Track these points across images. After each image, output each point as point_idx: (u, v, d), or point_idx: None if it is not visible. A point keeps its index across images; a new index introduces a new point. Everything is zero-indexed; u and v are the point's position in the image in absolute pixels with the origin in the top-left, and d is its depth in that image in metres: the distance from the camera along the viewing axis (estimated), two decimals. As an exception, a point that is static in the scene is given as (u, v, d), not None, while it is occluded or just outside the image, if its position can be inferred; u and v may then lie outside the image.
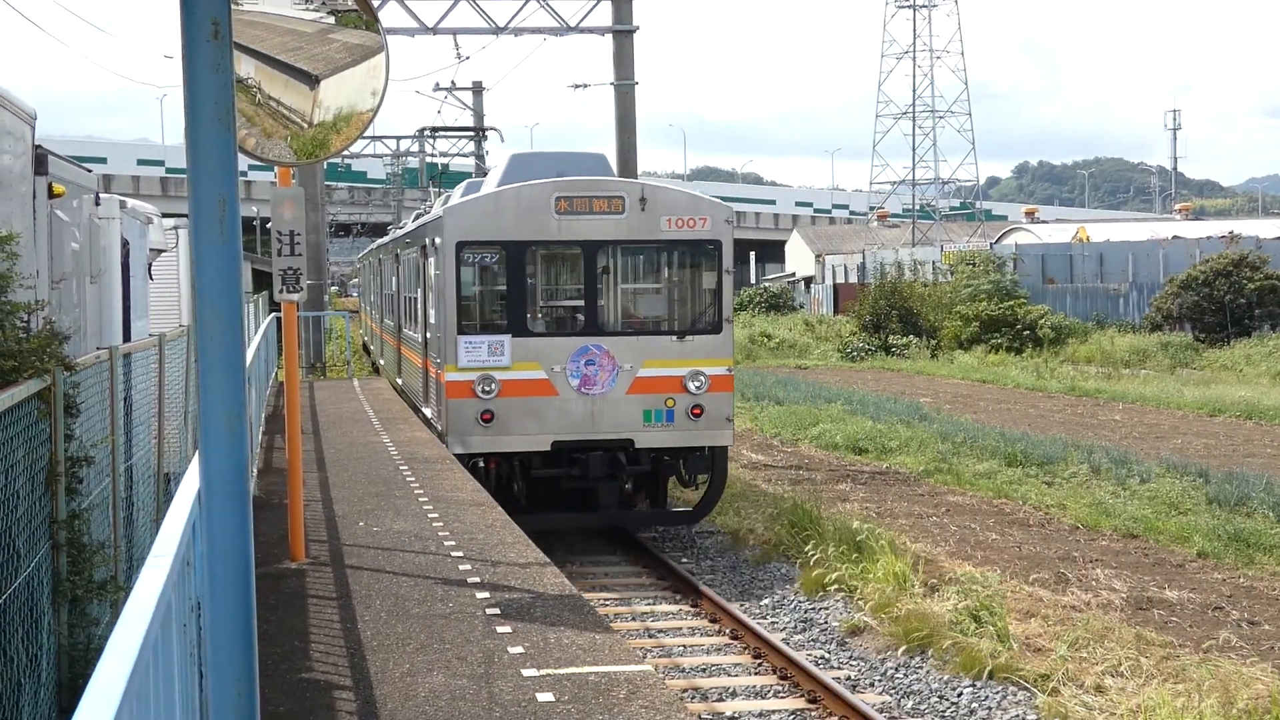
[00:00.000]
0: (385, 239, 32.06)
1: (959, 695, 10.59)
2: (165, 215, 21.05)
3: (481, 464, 16.30)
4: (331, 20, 11.19)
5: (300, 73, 10.94)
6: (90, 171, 12.71)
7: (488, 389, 16.04)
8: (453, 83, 48.10)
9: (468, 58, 40.68)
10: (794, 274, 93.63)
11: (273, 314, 24.37)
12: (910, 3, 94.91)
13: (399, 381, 24.48)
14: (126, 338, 14.03)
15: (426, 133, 51.59)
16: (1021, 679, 10.52)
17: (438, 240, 16.79)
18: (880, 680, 11.30)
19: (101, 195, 13.27)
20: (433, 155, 59.71)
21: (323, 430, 19.45)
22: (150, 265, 17.19)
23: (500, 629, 8.47)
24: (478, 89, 49.58)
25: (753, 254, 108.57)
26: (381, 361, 30.72)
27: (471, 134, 48.78)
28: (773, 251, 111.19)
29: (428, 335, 18.39)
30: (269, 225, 11.91)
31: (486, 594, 9.40)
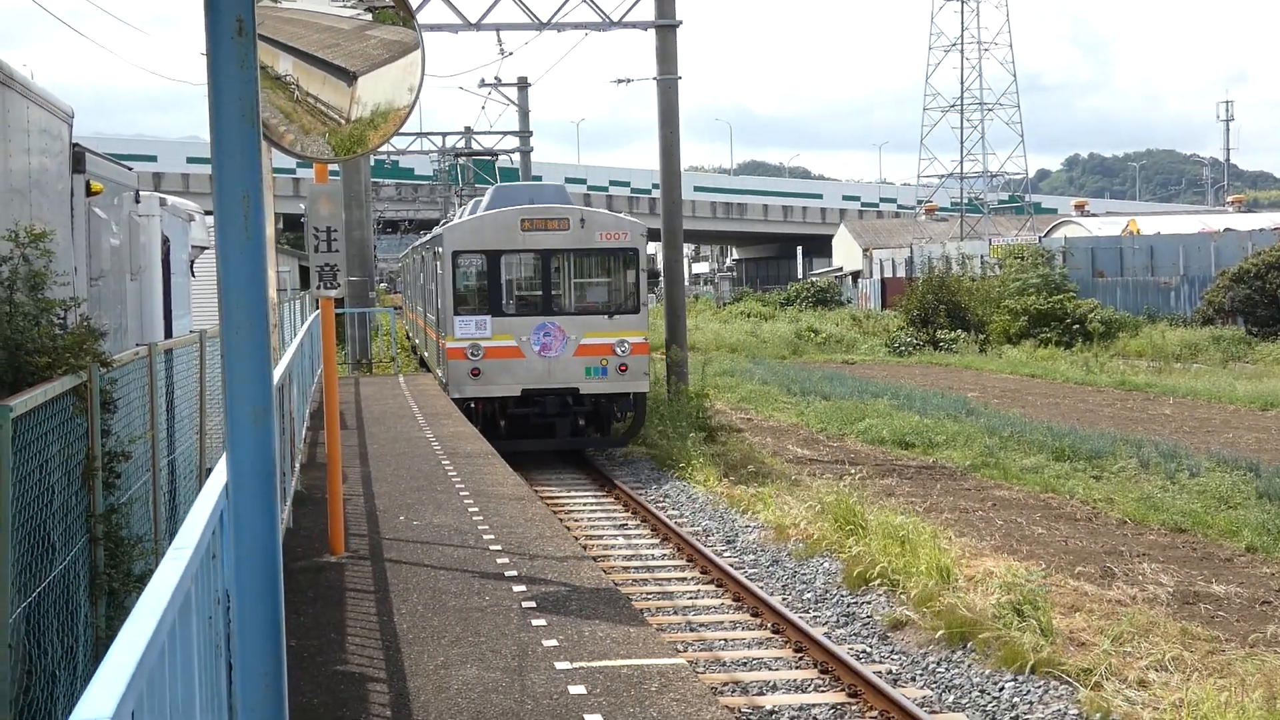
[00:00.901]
0: (418, 242, 37.46)
1: (1000, 690, 10.49)
2: (208, 213, 21.16)
3: (472, 405, 22.32)
4: (369, 17, 11.23)
5: (338, 69, 10.98)
6: (130, 169, 12.79)
7: (475, 353, 22.39)
8: (497, 78, 48.15)
9: (511, 53, 40.97)
10: (841, 268, 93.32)
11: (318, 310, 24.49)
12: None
13: (425, 354, 31.27)
14: (168, 335, 14.13)
15: (466, 130, 52.06)
16: (1064, 673, 10.40)
17: (439, 250, 23.63)
18: (921, 674, 11.22)
19: (141, 193, 13.35)
20: (479, 152, 59.89)
21: (367, 425, 19.54)
22: (192, 262, 17.29)
23: (535, 622, 8.46)
24: (522, 84, 49.65)
25: (799, 248, 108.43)
26: (418, 341, 35.96)
27: (515, 134, 49.00)
28: (820, 246, 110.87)
29: (437, 316, 24.76)
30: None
31: (523, 587, 9.40)
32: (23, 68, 9.00)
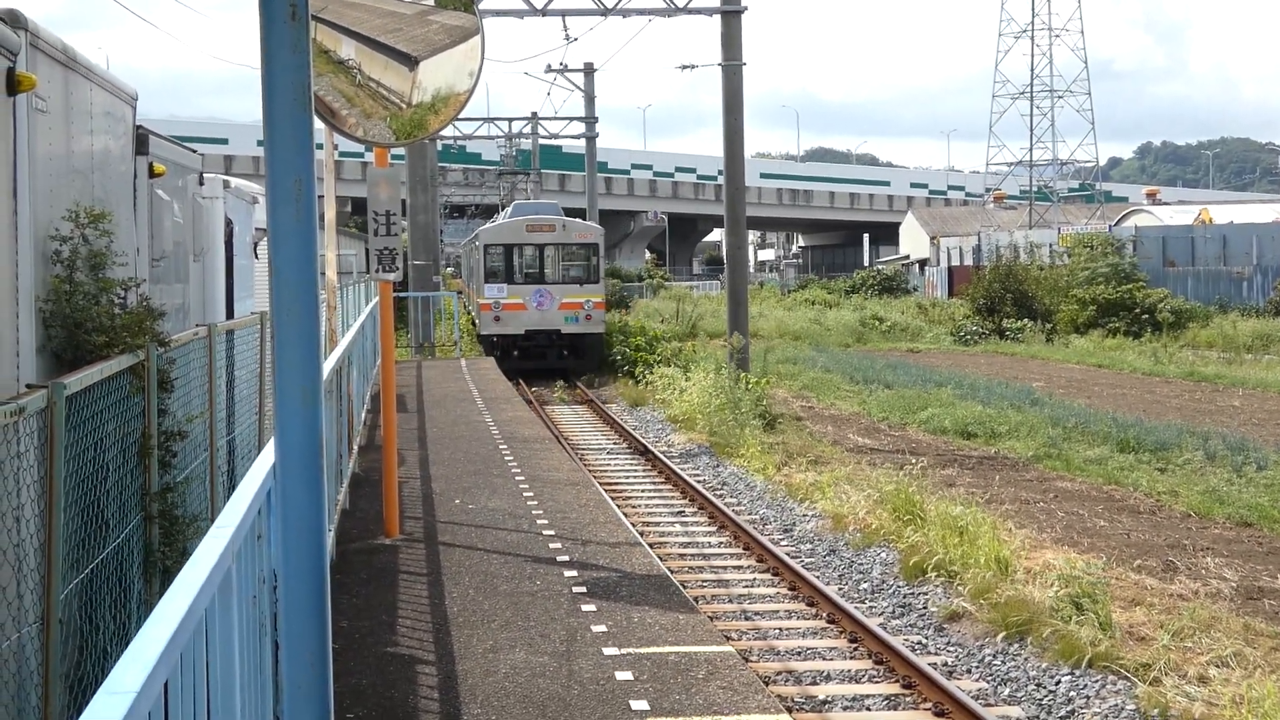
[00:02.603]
0: (467, 237, 51.86)
1: (1056, 683, 10.38)
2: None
3: (495, 339, 35.37)
4: (430, 2, 11.24)
5: (399, 54, 11.01)
6: (194, 151, 12.89)
7: (497, 307, 35.34)
8: (563, 64, 48.20)
9: (576, 39, 41.68)
10: (907, 256, 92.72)
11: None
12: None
13: (468, 308, 44.17)
14: (230, 316, 14.24)
15: (532, 116, 53.20)
16: (1122, 668, 10.28)
17: (477, 243, 37.88)
18: (977, 667, 11.12)
19: (205, 175, 13.46)
20: (545, 137, 60.00)
21: (427, 409, 19.62)
22: (256, 245, 17.42)
23: (585, 607, 8.46)
24: (588, 70, 49.64)
25: (865, 236, 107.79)
26: (465, 302, 45.82)
27: (581, 120, 49.33)
28: (887, 233, 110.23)
29: (476, 284, 38.29)
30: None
31: (574, 572, 9.40)
32: (98, 50, 9.11)
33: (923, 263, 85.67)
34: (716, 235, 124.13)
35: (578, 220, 38.85)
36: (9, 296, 6.57)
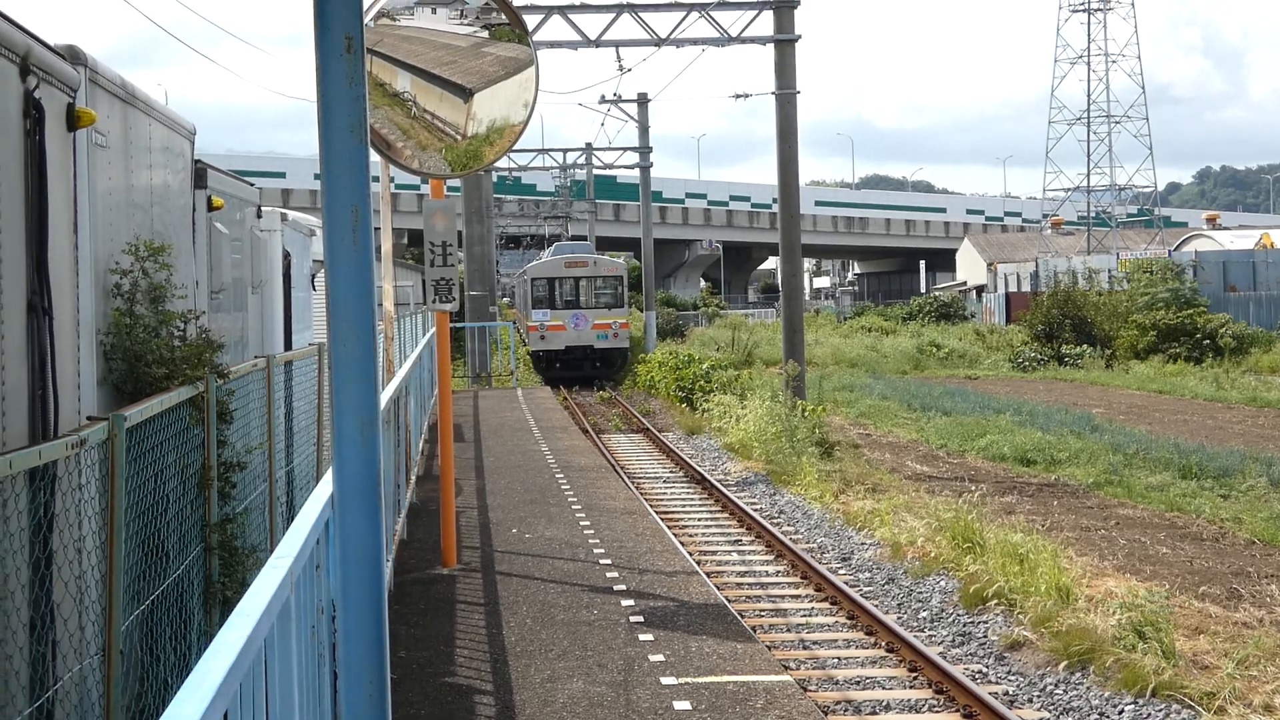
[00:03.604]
0: (519, 270, 61.27)
1: (1120, 713, 10.24)
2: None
3: (541, 355, 44.02)
4: (485, 34, 11.32)
5: (455, 86, 11.09)
6: (252, 185, 13.02)
7: (542, 327, 43.86)
8: (617, 95, 48.46)
9: (629, 69, 41.54)
10: (964, 283, 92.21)
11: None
12: (1085, 6, 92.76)
13: (519, 329, 51.67)
14: (288, 347, 14.35)
15: (586, 147, 55.35)
16: (1186, 696, 10.13)
17: (524, 277, 48.19)
18: (1039, 696, 10.99)
19: (263, 208, 13.59)
20: (599, 168, 60.22)
21: (484, 439, 19.68)
22: (314, 277, 17.56)
23: (642, 637, 8.44)
24: (642, 100, 49.80)
25: (922, 263, 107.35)
26: (517, 324, 53.10)
27: (635, 150, 50.16)
28: (943, 260, 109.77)
29: (525, 310, 46.81)
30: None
31: (631, 601, 9.37)
32: (157, 87, 9.25)
33: (980, 289, 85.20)
34: (771, 263, 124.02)
35: (605, 257, 50.21)
36: (70, 329, 6.65)
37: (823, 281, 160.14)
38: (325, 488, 5.15)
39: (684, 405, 33.77)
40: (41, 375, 6.04)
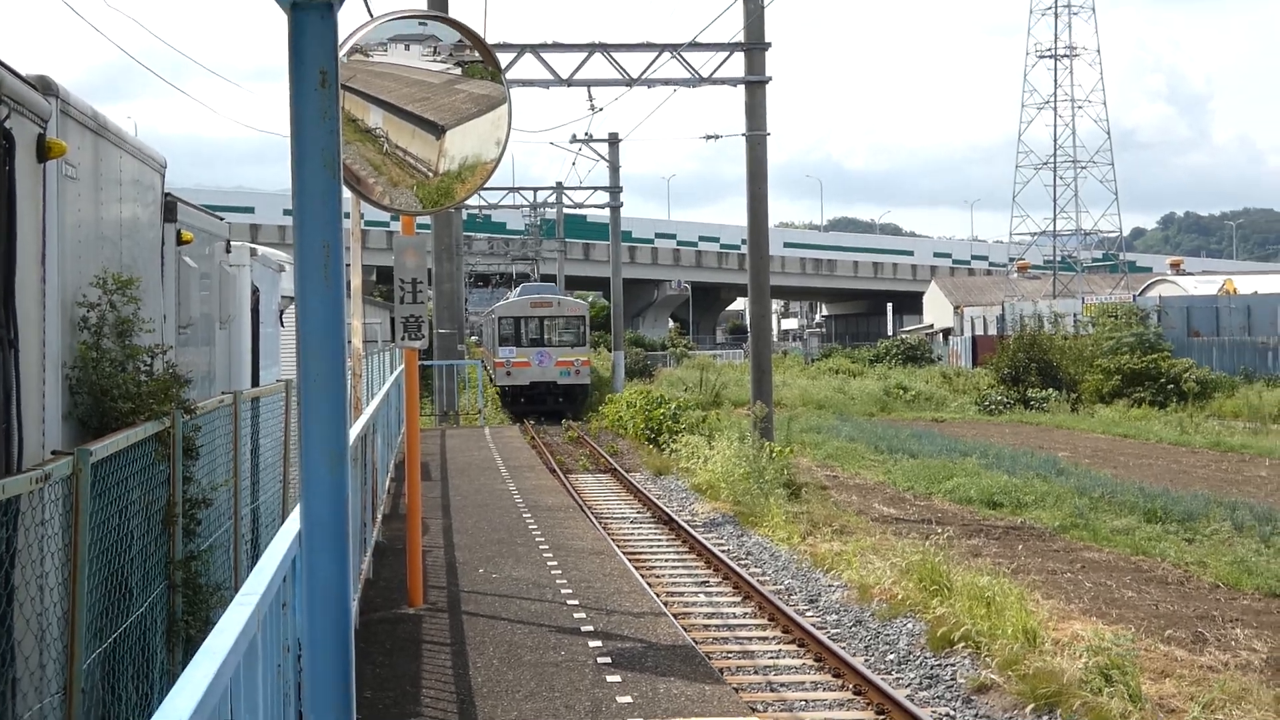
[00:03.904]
0: (486, 308, 64.13)
1: (1087, 757, 10.22)
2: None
3: (507, 389, 46.04)
4: (458, 71, 11.33)
5: (427, 123, 11.08)
6: (222, 219, 12.97)
7: (508, 364, 45.95)
8: (588, 134, 48.66)
9: (601, 109, 41.75)
10: (931, 325, 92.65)
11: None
12: (1051, 52, 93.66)
13: (486, 365, 51.55)
14: (255, 383, 14.27)
15: (557, 186, 55.47)
16: (1153, 742, 10.12)
17: (492, 315, 50.99)
18: (1006, 740, 10.96)
19: (232, 243, 13.54)
20: (570, 207, 60.33)
21: (451, 477, 19.59)
22: (282, 312, 17.49)
23: (610, 678, 8.38)
24: (613, 140, 49.98)
25: (889, 305, 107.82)
26: (484, 361, 53.46)
27: (606, 189, 50.44)
28: (910, 303, 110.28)
29: (492, 347, 48.58)
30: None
31: (599, 642, 9.32)
32: (126, 120, 9.22)
33: (946, 332, 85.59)
34: (740, 304, 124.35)
35: (569, 298, 52.78)
36: (36, 362, 6.59)
37: (790, 323, 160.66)
38: (292, 525, 5.11)
39: (652, 446, 33.74)
40: (5, 409, 5.97)
